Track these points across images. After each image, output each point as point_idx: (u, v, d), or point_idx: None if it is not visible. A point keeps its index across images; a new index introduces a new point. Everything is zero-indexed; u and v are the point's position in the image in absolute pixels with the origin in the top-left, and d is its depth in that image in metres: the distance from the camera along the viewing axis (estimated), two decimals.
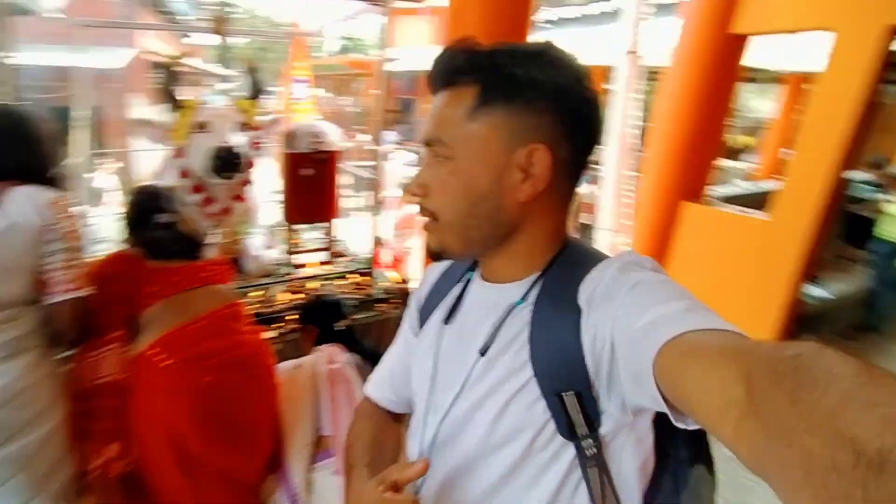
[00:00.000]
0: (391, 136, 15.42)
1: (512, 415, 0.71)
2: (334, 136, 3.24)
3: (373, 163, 3.65)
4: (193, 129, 2.77)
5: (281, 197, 3.35)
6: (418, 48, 16.83)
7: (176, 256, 1.82)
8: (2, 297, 1.41)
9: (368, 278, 3.34)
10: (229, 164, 2.64)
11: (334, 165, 3.29)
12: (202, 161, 2.67)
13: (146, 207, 1.84)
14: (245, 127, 2.94)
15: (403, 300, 3.23)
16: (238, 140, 2.78)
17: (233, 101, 2.96)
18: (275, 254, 3.59)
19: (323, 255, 3.62)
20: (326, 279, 3.28)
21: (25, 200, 1.45)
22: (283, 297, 3.01)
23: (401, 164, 11.22)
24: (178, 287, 1.73)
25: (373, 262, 3.43)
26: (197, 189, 2.91)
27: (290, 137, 3.10)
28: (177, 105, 2.79)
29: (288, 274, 3.31)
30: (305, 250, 3.70)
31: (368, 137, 12.98)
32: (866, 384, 0.32)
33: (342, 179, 3.49)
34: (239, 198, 3.05)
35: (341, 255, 3.77)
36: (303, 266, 3.42)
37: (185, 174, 2.87)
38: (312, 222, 3.77)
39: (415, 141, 15.78)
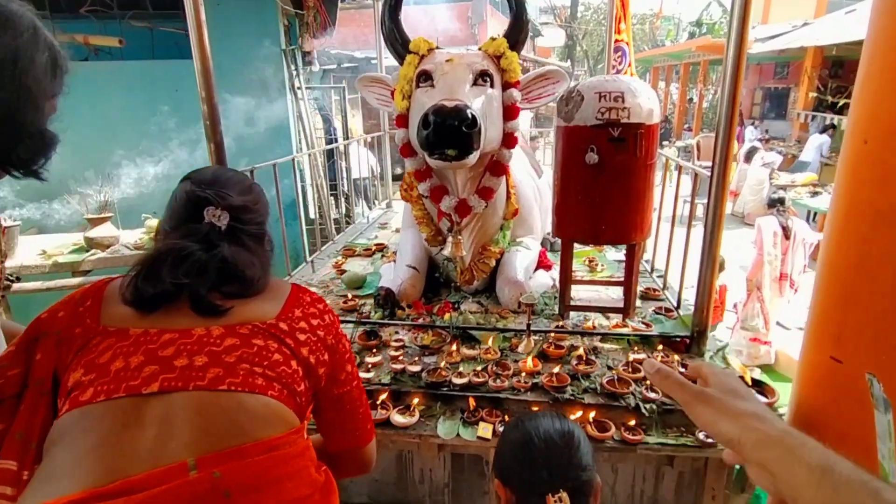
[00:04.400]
0: (752, 132, 12.49)
1: None
2: (645, 101, 1.84)
3: (709, 163, 2.00)
4: (416, 83, 1.82)
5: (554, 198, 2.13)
6: (796, 23, 13.17)
7: (193, 304, 0.84)
8: None
9: (688, 363, 1.85)
10: (447, 135, 1.58)
11: (644, 149, 1.89)
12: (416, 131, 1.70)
13: (193, 197, 0.92)
14: (496, 81, 1.85)
15: None
16: (475, 100, 1.71)
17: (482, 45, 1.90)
18: (547, 280, 2.43)
19: (615, 295, 2.28)
20: (617, 338, 1.93)
21: None
22: (529, 360, 1.82)
23: (758, 167, 8.65)
24: (129, 381, 0.75)
25: (702, 320, 1.86)
26: (420, 174, 1.98)
27: (569, 101, 1.86)
28: (402, 49, 1.90)
29: (557, 318, 2.10)
30: (587, 281, 2.42)
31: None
32: None
33: (656, 175, 2.03)
34: (486, 191, 1.99)
35: (651, 297, 2.35)
36: (584, 309, 2.13)
37: (405, 151, 1.96)
38: (599, 242, 2.46)
39: (783, 139, 12.36)
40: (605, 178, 1.87)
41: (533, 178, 2.64)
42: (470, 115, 1.58)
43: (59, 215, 3.63)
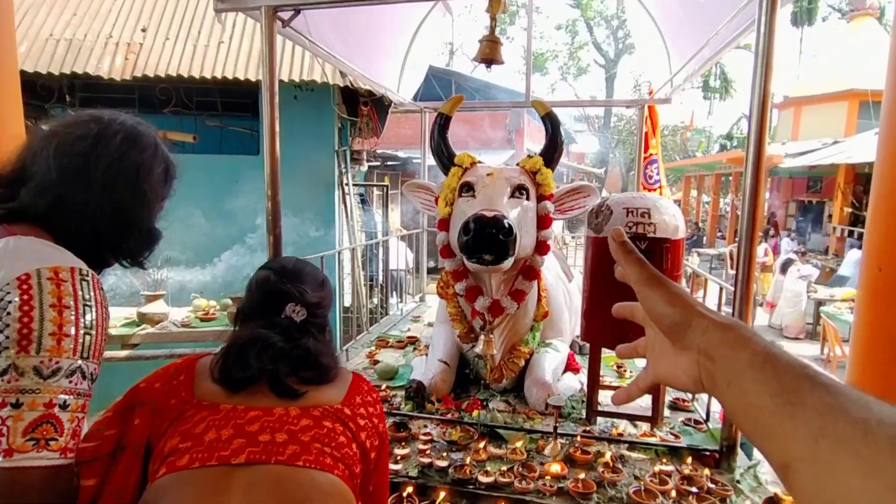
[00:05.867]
0: (788, 244, 12.44)
1: None
2: (670, 217, 1.98)
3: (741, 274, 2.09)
4: (458, 193, 2.02)
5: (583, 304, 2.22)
6: (826, 140, 13.51)
7: (272, 386, 0.97)
8: None
9: (718, 480, 1.80)
10: (485, 241, 1.73)
11: (670, 262, 2.00)
12: (457, 236, 1.86)
13: (274, 289, 1.07)
14: (531, 194, 2.03)
15: None
16: (511, 211, 1.88)
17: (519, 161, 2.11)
18: (575, 384, 2.45)
19: (644, 403, 2.28)
20: (644, 448, 1.93)
21: (3, 262, 0.82)
22: (555, 463, 1.83)
23: (795, 279, 8.55)
24: (220, 452, 0.86)
25: (731, 434, 1.84)
26: (457, 275, 2.12)
27: (599, 214, 2.01)
28: (448, 162, 2.11)
29: (584, 422, 2.11)
30: (616, 387, 2.43)
31: (760, 246, 10.59)
32: None
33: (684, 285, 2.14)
34: (518, 294, 2.10)
35: (681, 408, 2.33)
36: (612, 415, 2.14)
37: (444, 252, 2.12)
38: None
39: (818, 252, 12.23)
40: (632, 288, 1.97)
41: (564, 281, 2.74)
42: (507, 225, 1.74)
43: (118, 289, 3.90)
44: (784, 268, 9.01)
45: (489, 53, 1.78)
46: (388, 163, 9.17)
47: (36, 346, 0.79)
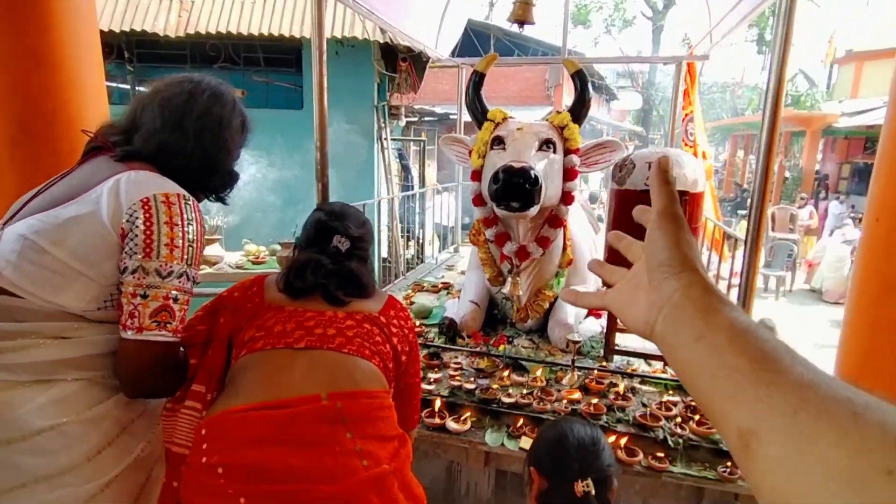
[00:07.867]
0: (837, 207, 12.02)
1: None
2: (690, 171, 2.09)
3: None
4: (490, 146, 2.17)
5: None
6: (888, 98, 12.73)
7: (324, 296, 1.20)
8: (57, 303, 1.04)
9: None
10: (513, 190, 1.90)
11: (689, 214, 2.12)
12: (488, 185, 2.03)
13: (324, 225, 1.30)
14: (558, 148, 2.17)
15: None
16: (538, 163, 2.03)
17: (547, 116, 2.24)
18: (596, 327, 2.64)
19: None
20: (655, 383, 2.12)
21: (129, 189, 1.05)
22: (572, 391, 2.04)
23: (839, 243, 8.36)
24: (286, 339, 1.11)
25: None
26: (488, 222, 2.30)
27: (622, 168, 2.14)
28: (481, 117, 2.26)
29: (601, 359, 2.31)
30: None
31: (805, 209, 10.26)
32: None
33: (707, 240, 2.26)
34: (544, 240, 2.28)
35: None
36: (628, 354, 2.33)
37: (476, 201, 2.30)
38: None
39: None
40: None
41: (590, 233, 2.89)
42: (533, 175, 1.90)
43: None
44: (831, 231, 8.82)
45: (521, 15, 1.90)
46: (426, 118, 9.26)
47: (156, 253, 1.03)
